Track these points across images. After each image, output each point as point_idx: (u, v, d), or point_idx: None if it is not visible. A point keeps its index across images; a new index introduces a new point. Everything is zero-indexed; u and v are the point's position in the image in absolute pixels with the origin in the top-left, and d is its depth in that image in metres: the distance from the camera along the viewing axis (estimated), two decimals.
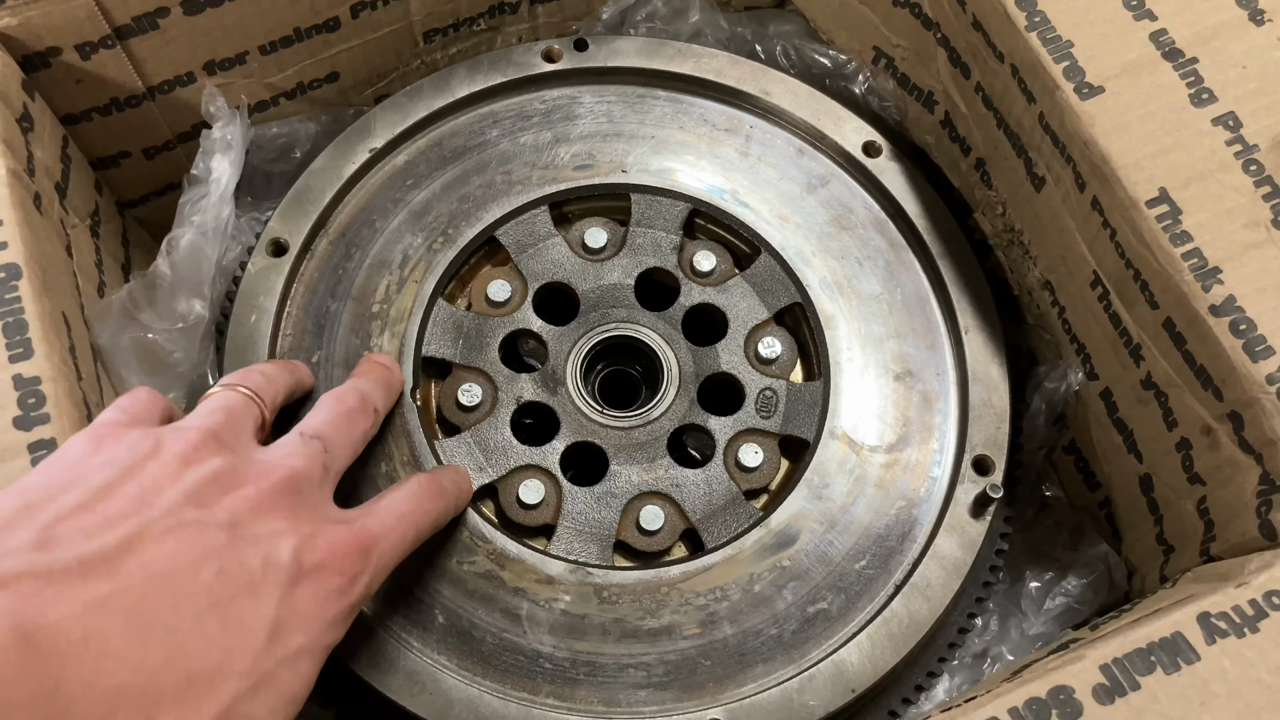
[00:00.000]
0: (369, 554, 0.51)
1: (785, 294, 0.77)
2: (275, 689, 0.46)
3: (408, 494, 0.58)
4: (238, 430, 0.53)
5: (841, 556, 0.69)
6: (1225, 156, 0.63)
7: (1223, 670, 0.52)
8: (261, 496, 0.49)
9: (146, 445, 0.49)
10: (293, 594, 0.47)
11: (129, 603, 0.42)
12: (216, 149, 0.77)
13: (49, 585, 0.40)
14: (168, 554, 0.44)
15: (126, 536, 0.44)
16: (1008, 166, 0.75)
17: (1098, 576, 0.73)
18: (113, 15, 0.70)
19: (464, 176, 0.79)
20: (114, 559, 0.43)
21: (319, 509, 0.52)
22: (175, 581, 0.44)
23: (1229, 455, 0.62)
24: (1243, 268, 0.61)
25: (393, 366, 0.69)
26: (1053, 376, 0.76)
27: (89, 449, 0.49)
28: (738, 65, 0.83)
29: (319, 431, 0.56)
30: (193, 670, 0.43)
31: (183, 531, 0.45)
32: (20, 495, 0.45)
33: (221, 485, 0.48)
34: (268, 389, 0.58)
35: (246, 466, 0.50)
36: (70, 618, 0.40)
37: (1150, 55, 0.66)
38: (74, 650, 0.40)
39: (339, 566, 0.49)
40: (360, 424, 0.60)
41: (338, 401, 0.60)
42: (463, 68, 0.82)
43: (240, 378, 0.58)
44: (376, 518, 0.54)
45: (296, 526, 0.49)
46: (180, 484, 0.47)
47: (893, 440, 0.73)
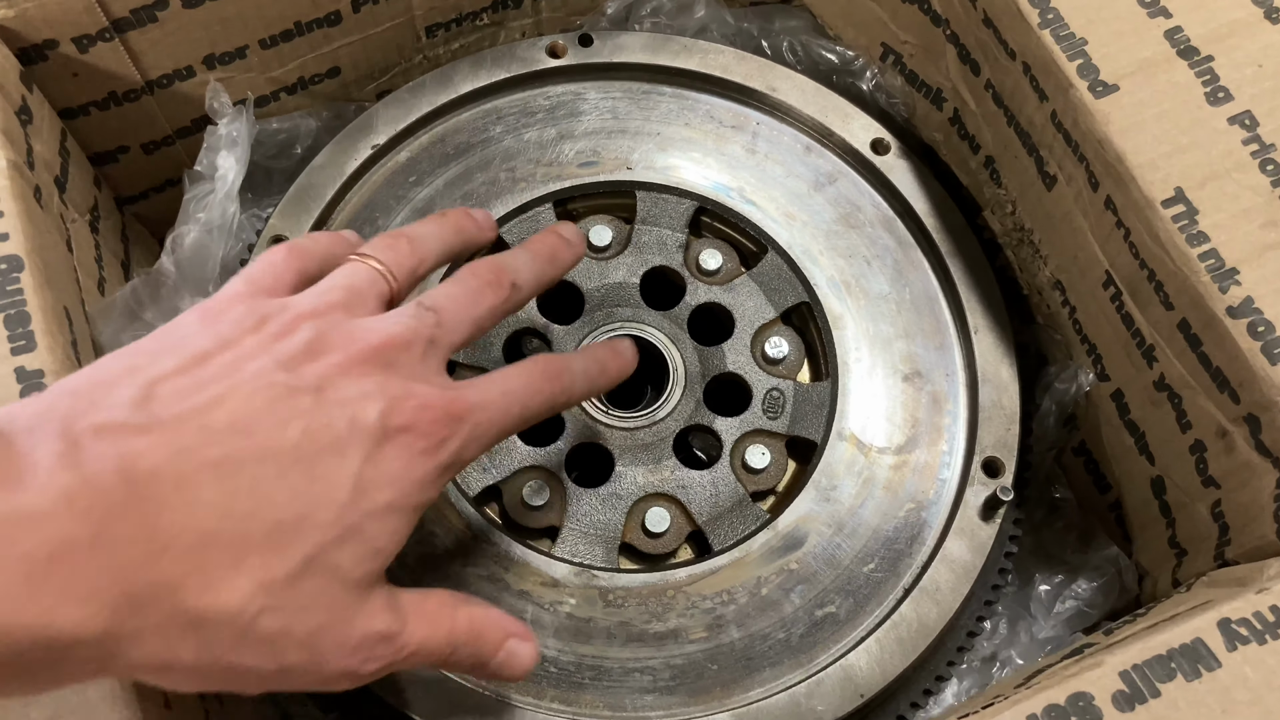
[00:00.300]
0: (460, 420, 0.51)
1: (792, 293, 0.76)
2: (360, 541, 0.48)
3: (521, 371, 0.57)
4: (354, 306, 0.53)
5: (850, 559, 0.68)
6: (1242, 156, 0.62)
7: (1244, 677, 0.51)
8: (350, 361, 0.49)
9: (249, 321, 0.50)
10: (378, 453, 0.48)
11: (217, 455, 0.44)
12: (222, 145, 0.76)
13: (146, 434, 0.43)
14: (255, 412, 0.46)
15: (217, 395, 0.46)
16: (1018, 165, 0.74)
17: (1108, 580, 0.72)
18: (110, 8, 0.69)
19: (467, 173, 0.78)
20: (205, 415, 0.45)
21: (415, 375, 0.51)
22: (262, 438, 0.46)
23: (1245, 458, 0.61)
24: (1261, 268, 0.60)
25: (571, 239, 0.65)
26: (1063, 377, 0.75)
27: (196, 322, 0.50)
28: (744, 61, 0.82)
29: (436, 303, 0.55)
30: (279, 519, 0.45)
31: (270, 392, 0.47)
32: (129, 357, 0.47)
33: (313, 352, 0.49)
34: (407, 258, 0.57)
35: (341, 334, 0.50)
36: (165, 464, 0.43)
37: (1165, 53, 0.65)
38: (169, 494, 0.43)
39: (425, 429, 0.50)
40: (487, 299, 0.57)
41: (470, 274, 0.58)
42: (466, 63, 0.80)
43: (379, 247, 0.57)
44: (476, 389, 0.53)
45: (385, 388, 0.49)
46: (272, 352, 0.48)
47: (901, 442, 0.72)
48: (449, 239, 0.61)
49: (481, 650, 0.54)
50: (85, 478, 0.41)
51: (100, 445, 0.42)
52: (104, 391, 0.45)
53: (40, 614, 0.39)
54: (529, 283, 0.61)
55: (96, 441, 0.42)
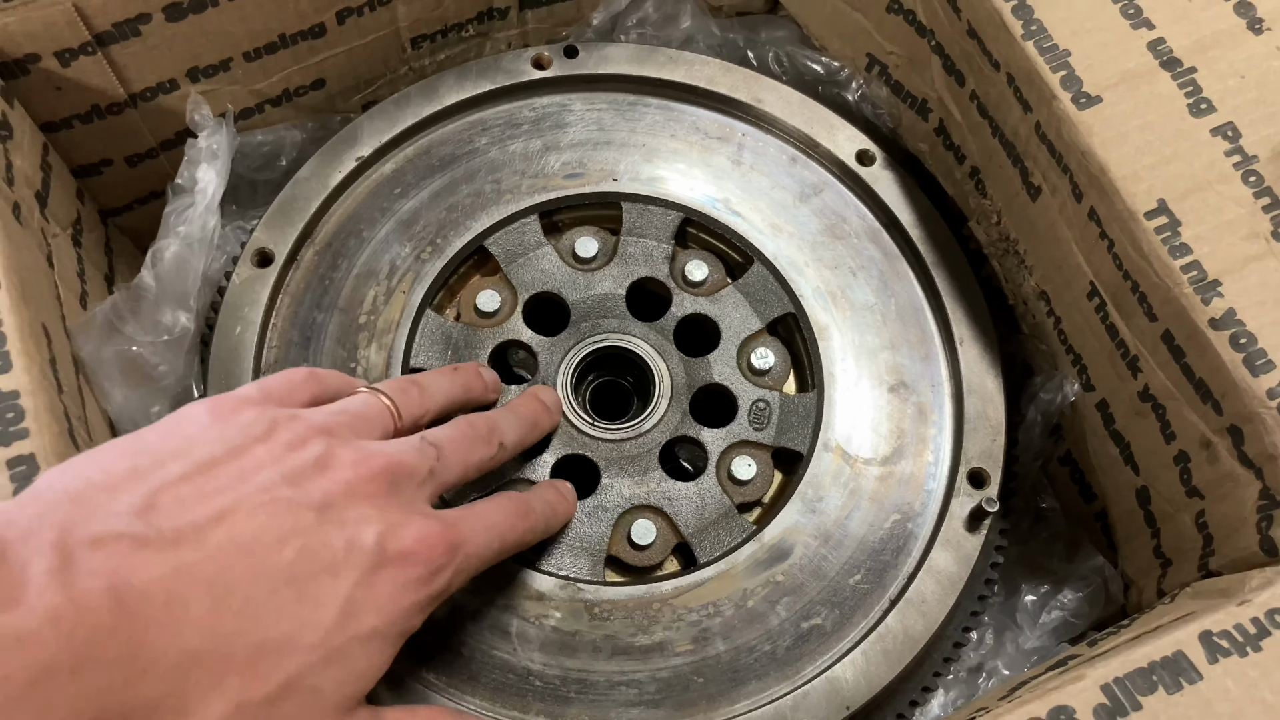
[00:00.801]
0: (455, 550, 0.52)
1: (778, 304, 0.76)
2: (344, 665, 0.48)
3: (497, 507, 0.59)
4: (359, 430, 0.54)
5: (836, 571, 0.68)
6: (1225, 167, 0.63)
7: (1225, 690, 0.51)
8: (357, 481, 0.50)
9: (259, 429, 0.50)
10: (372, 578, 0.49)
11: (212, 572, 0.44)
12: (202, 158, 0.76)
13: (143, 549, 0.43)
14: (256, 529, 0.46)
15: (220, 510, 0.46)
16: (1003, 175, 0.74)
17: (1094, 590, 0.72)
18: (93, 22, 0.69)
19: (452, 185, 0.78)
20: (205, 530, 0.45)
21: (413, 504, 0.53)
22: (258, 555, 0.46)
23: (1228, 469, 0.61)
24: (1243, 280, 0.60)
25: (551, 407, 0.70)
26: (1048, 387, 0.75)
27: (206, 422, 0.51)
28: (730, 72, 0.82)
29: (438, 441, 0.57)
30: (264, 640, 0.45)
31: (273, 508, 0.47)
32: (131, 457, 0.47)
33: (321, 467, 0.50)
34: (416, 405, 0.60)
35: (350, 452, 0.52)
36: (157, 581, 0.43)
37: (1148, 64, 0.65)
38: (157, 613, 0.42)
39: (423, 557, 0.51)
40: (479, 451, 0.60)
41: (468, 425, 0.61)
42: (451, 75, 0.80)
43: (392, 388, 0.60)
44: (466, 521, 0.55)
45: (386, 514, 0.50)
46: (280, 465, 0.49)
47: (887, 453, 0.72)
48: (455, 394, 0.64)
49: None
50: (74, 598, 0.41)
51: (95, 560, 0.42)
52: (106, 497, 0.45)
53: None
54: (512, 444, 0.64)
55: (92, 555, 0.42)
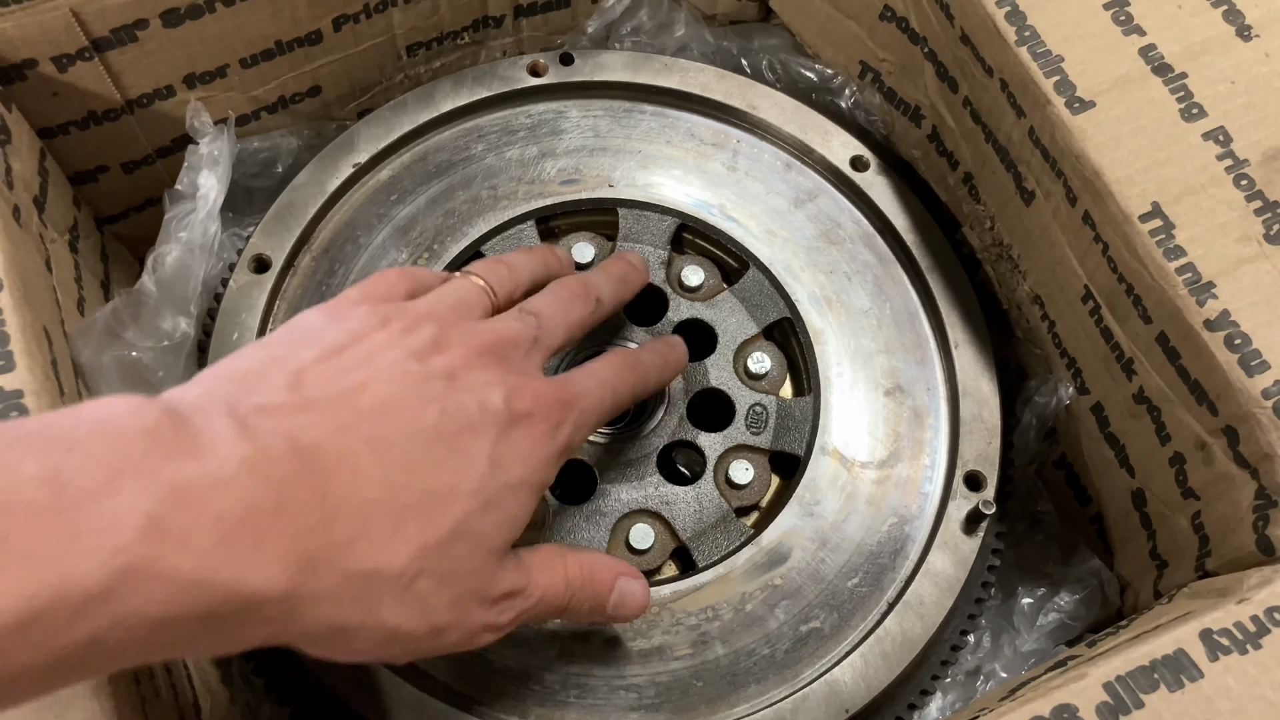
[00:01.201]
0: (570, 407, 0.56)
1: (774, 309, 0.77)
2: (500, 510, 0.51)
3: (607, 364, 0.62)
4: (463, 313, 0.58)
5: (834, 574, 0.68)
6: (1217, 171, 0.63)
7: (1226, 687, 0.51)
8: (471, 354, 0.54)
9: (374, 320, 0.54)
10: (508, 433, 0.52)
11: (370, 431, 0.48)
12: (203, 164, 0.76)
13: (306, 412, 0.47)
14: (396, 395, 0.50)
15: (361, 382, 0.50)
16: (996, 181, 0.75)
17: (1090, 592, 0.72)
18: (90, 27, 0.69)
19: (449, 191, 0.78)
20: (354, 397, 0.49)
21: (525, 369, 0.57)
22: (406, 417, 0.49)
23: (1224, 470, 0.61)
24: (1236, 282, 0.60)
25: (637, 265, 0.72)
26: (1043, 391, 0.75)
27: (323, 321, 0.54)
28: (724, 79, 0.82)
29: (537, 309, 0.61)
30: (430, 488, 0.49)
31: (407, 379, 0.51)
32: (268, 349, 0.51)
33: (437, 346, 0.54)
34: (507, 280, 0.63)
35: (459, 333, 0.55)
36: (326, 439, 0.46)
37: (1140, 70, 0.66)
38: (333, 465, 0.46)
39: (544, 414, 0.54)
40: (578, 308, 0.63)
41: (563, 287, 0.64)
42: (447, 82, 0.81)
43: (484, 267, 0.63)
44: (576, 381, 0.59)
45: (505, 379, 0.54)
46: (401, 345, 0.53)
47: (884, 456, 0.72)
48: (538, 269, 0.66)
49: (597, 592, 0.58)
50: (260, 449, 0.43)
51: (267, 422, 0.45)
52: (256, 378, 0.48)
53: (235, 573, 0.41)
54: (609, 299, 0.67)
55: (262, 419, 0.45)
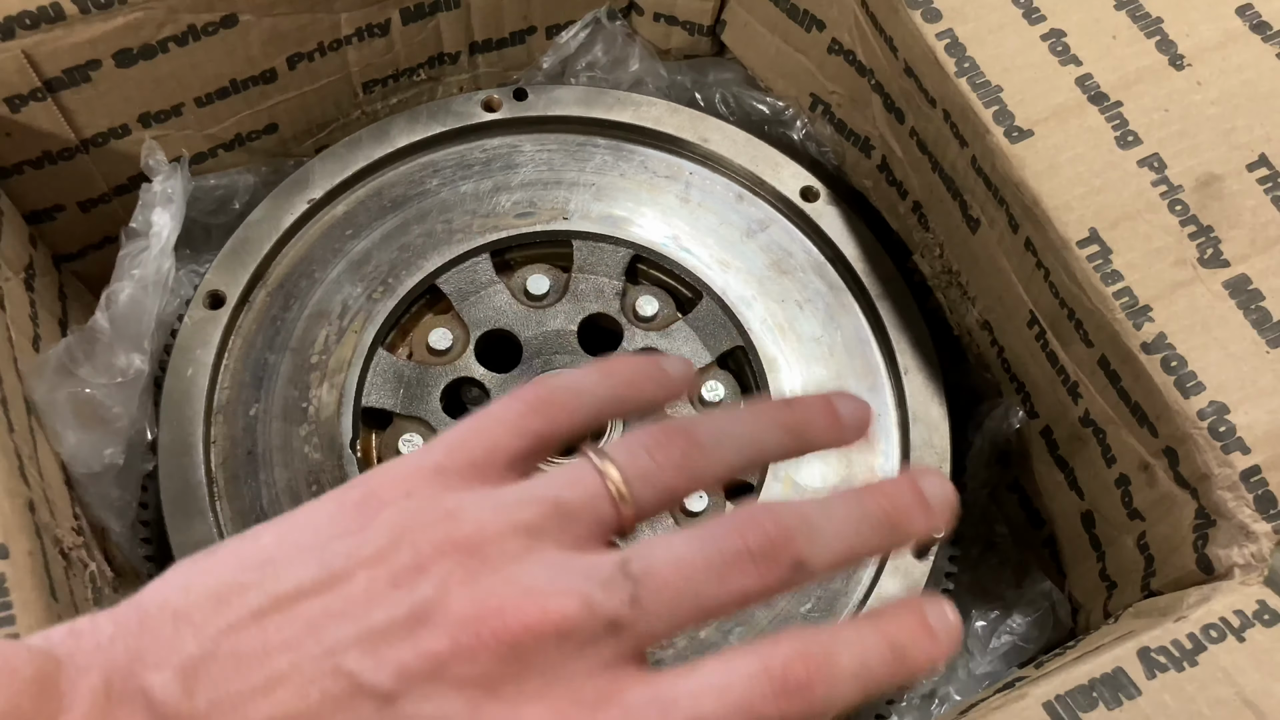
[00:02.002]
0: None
1: (727, 337, 0.78)
2: None
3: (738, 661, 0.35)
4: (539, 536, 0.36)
5: (786, 601, 0.69)
6: (1152, 197, 0.64)
7: (1163, 704, 0.52)
8: (459, 653, 0.34)
9: (374, 544, 0.36)
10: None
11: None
12: (157, 202, 0.76)
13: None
14: (299, 714, 0.34)
15: (270, 678, 0.35)
16: (944, 209, 0.76)
17: (1042, 614, 0.73)
18: (42, 68, 0.70)
19: (404, 226, 0.79)
20: (246, 707, 0.35)
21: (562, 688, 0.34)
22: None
23: (1166, 490, 0.62)
24: (1172, 305, 0.62)
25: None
26: (994, 415, 0.76)
27: (323, 521, 0.38)
28: (676, 113, 0.83)
29: (650, 567, 0.35)
30: None
31: (329, 684, 0.34)
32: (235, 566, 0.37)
33: (416, 622, 0.35)
34: (669, 474, 0.38)
35: (477, 598, 0.35)
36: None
37: (1077, 99, 0.68)
38: None
39: None
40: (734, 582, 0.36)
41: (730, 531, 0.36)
42: (402, 118, 0.82)
43: (632, 447, 0.38)
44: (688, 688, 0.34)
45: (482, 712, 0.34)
46: (365, 615, 0.35)
47: (835, 482, 0.73)
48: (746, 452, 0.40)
49: None
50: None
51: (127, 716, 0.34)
52: (171, 632, 0.36)
53: None
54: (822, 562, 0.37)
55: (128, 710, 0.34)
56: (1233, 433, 0.58)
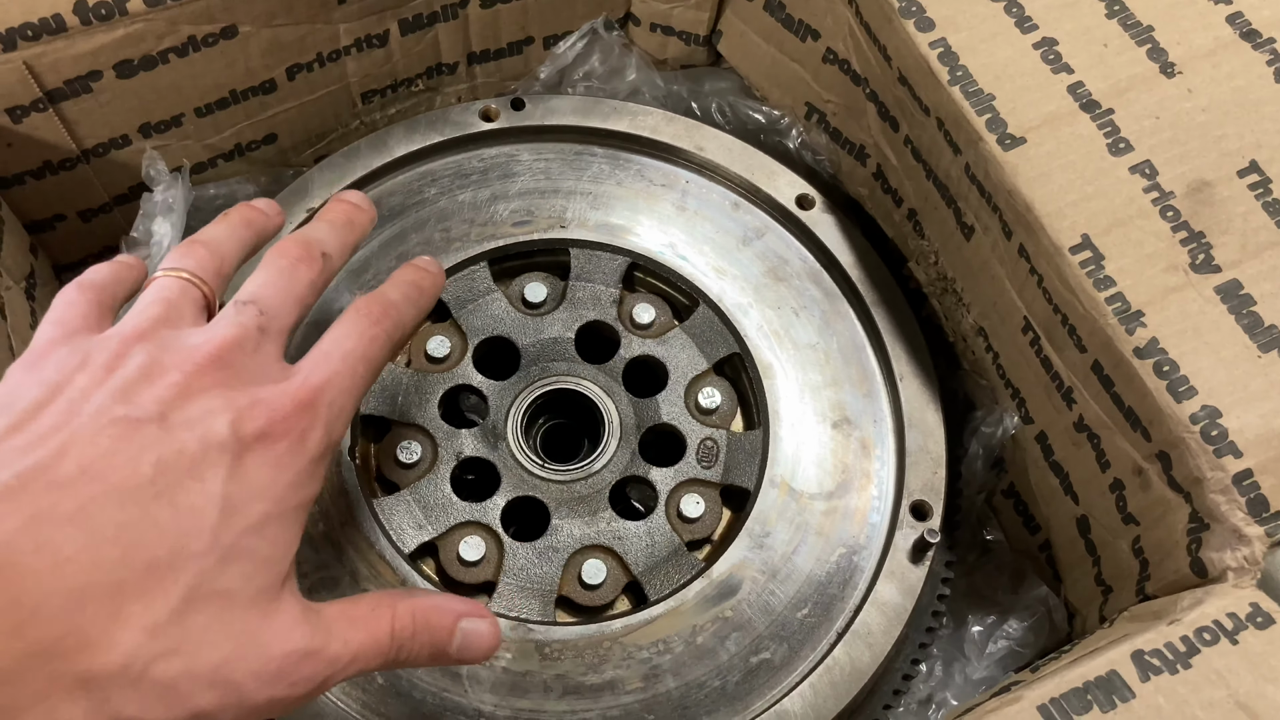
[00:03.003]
0: (314, 406, 0.51)
1: (724, 344, 0.78)
2: (244, 559, 0.47)
3: (349, 326, 0.56)
4: (173, 319, 0.52)
5: (783, 605, 0.69)
6: (1144, 203, 0.65)
7: (1157, 707, 0.52)
8: (188, 379, 0.48)
9: (74, 360, 0.49)
10: (240, 467, 0.47)
11: (73, 507, 0.43)
12: (158, 211, 0.77)
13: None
14: (103, 454, 0.45)
15: (60, 445, 0.45)
16: (938, 216, 0.76)
17: (1038, 619, 0.73)
18: (44, 79, 0.70)
19: (402, 234, 0.79)
20: (51, 469, 0.44)
21: (256, 375, 0.51)
22: (116, 479, 0.44)
23: (1159, 494, 0.63)
24: (1164, 310, 0.62)
25: (360, 204, 0.65)
26: (989, 421, 0.77)
27: (20, 375, 0.49)
28: (672, 122, 0.84)
29: (254, 295, 0.54)
30: (152, 559, 0.44)
31: (114, 430, 0.46)
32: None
33: (149, 377, 0.48)
34: (210, 261, 0.57)
35: (173, 353, 0.50)
36: (19, 531, 0.42)
37: (1069, 107, 0.68)
38: (29, 560, 0.41)
39: (283, 428, 0.49)
40: (303, 275, 0.57)
41: (278, 256, 0.57)
42: (400, 128, 0.82)
43: (180, 256, 0.56)
44: (318, 366, 0.53)
45: (231, 400, 0.49)
46: (106, 387, 0.47)
47: (832, 488, 0.73)
48: (241, 234, 0.60)
49: (435, 639, 0.53)
50: None
51: None
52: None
53: None
54: (337, 250, 0.61)
55: None
56: (1225, 437, 0.59)
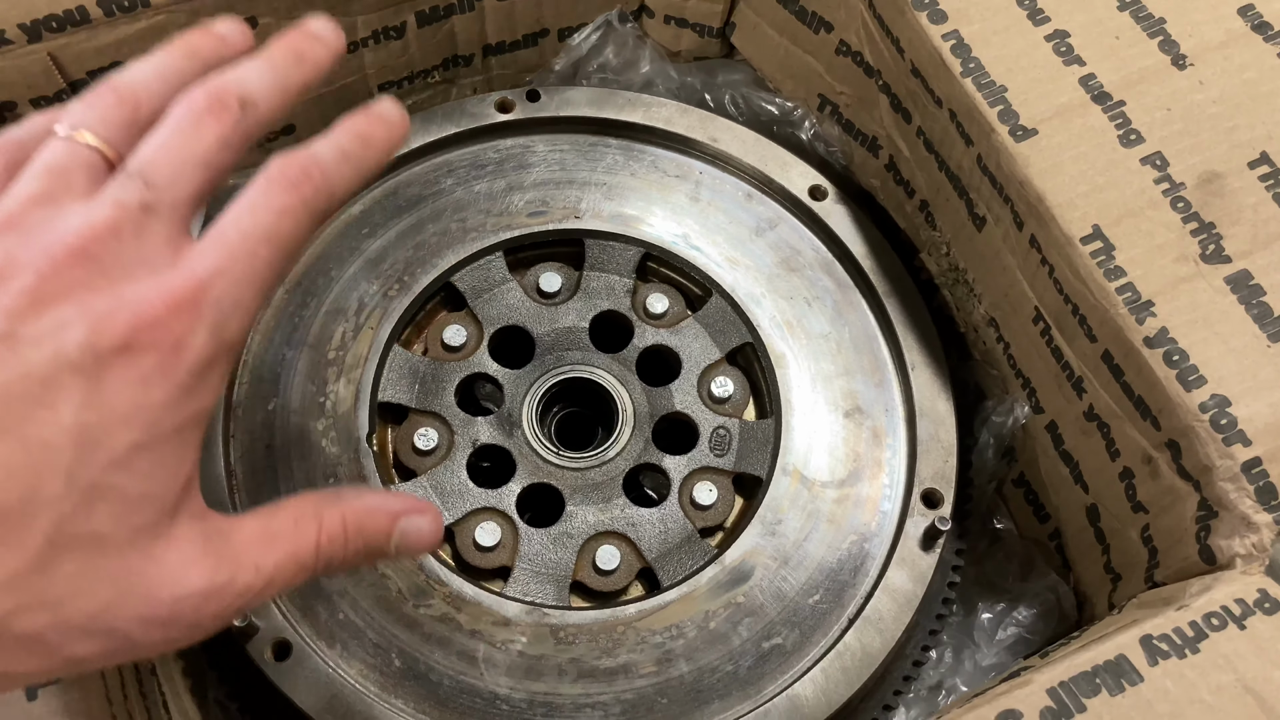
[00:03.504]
0: (195, 306, 0.41)
1: (737, 334, 0.79)
2: (111, 498, 0.40)
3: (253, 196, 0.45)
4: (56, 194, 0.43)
5: (795, 591, 0.70)
6: (1154, 194, 0.66)
7: (1165, 690, 0.53)
8: (43, 281, 0.40)
9: None
10: (98, 390, 0.40)
11: None
12: None
13: None
14: None
15: None
16: (950, 207, 0.77)
17: (1047, 606, 0.74)
18: (68, 70, 0.71)
19: (419, 224, 0.80)
20: None
21: (131, 268, 0.42)
22: None
23: (1169, 483, 0.63)
24: (1174, 300, 0.63)
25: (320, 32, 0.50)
26: (1000, 411, 0.77)
27: None
28: (686, 114, 0.85)
29: (141, 164, 0.44)
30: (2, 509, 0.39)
31: None
32: None
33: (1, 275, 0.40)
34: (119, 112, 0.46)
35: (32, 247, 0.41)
36: None
37: (1080, 99, 0.69)
38: None
39: (149, 339, 0.40)
40: (209, 132, 0.45)
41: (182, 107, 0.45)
42: (417, 119, 0.83)
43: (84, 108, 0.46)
44: (207, 250, 0.43)
45: (88, 306, 0.40)
46: None
47: (843, 476, 0.74)
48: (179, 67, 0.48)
49: (370, 542, 0.48)
50: None
51: None
52: None
53: None
54: (268, 94, 0.47)
55: None
56: (1234, 425, 0.59)
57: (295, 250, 0.46)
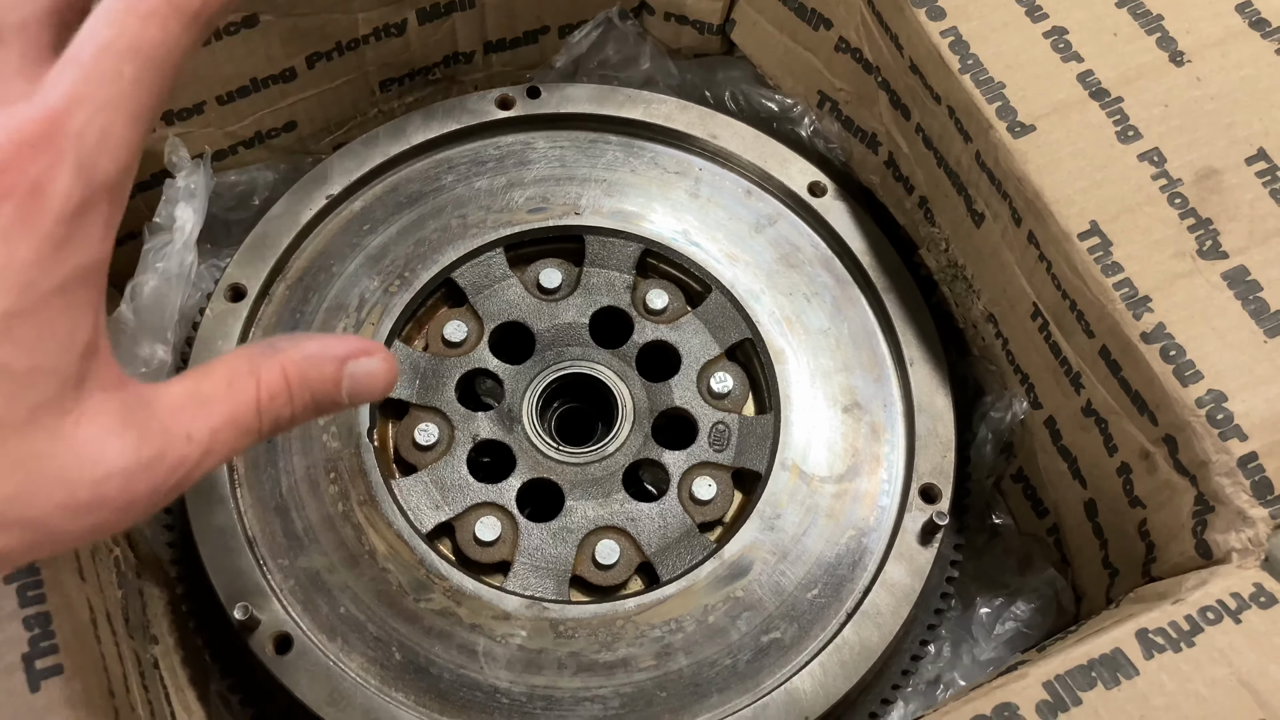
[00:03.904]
0: (52, 140, 0.36)
1: (736, 330, 0.79)
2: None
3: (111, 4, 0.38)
4: None
5: (794, 586, 0.70)
6: (1152, 190, 0.66)
7: (1160, 684, 0.53)
8: None
9: None
10: None
11: None
12: (180, 197, 0.78)
13: None
14: None
15: None
16: (949, 204, 0.77)
17: (1045, 601, 0.74)
18: None
19: (420, 221, 0.81)
20: None
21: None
22: None
23: (1166, 478, 0.64)
24: (1171, 296, 0.63)
25: None
26: (998, 406, 0.77)
27: None
28: (686, 110, 0.85)
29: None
30: None
31: None
32: None
33: None
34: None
35: None
36: None
37: (1078, 95, 0.69)
38: None
39: (2, 185, 0.35)
40: None
41: None
42: (418, 115, 0.83)
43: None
44: (59, 78, 0.37)
45: None
46: None
47: (842, 471, 0.74)
48: None
49: (318, 393, 0.44)
50: None
51: None
52: None
53: None
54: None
55: None
56: (1230, 420, 0.59)
57: (172, 66, 0.39)
